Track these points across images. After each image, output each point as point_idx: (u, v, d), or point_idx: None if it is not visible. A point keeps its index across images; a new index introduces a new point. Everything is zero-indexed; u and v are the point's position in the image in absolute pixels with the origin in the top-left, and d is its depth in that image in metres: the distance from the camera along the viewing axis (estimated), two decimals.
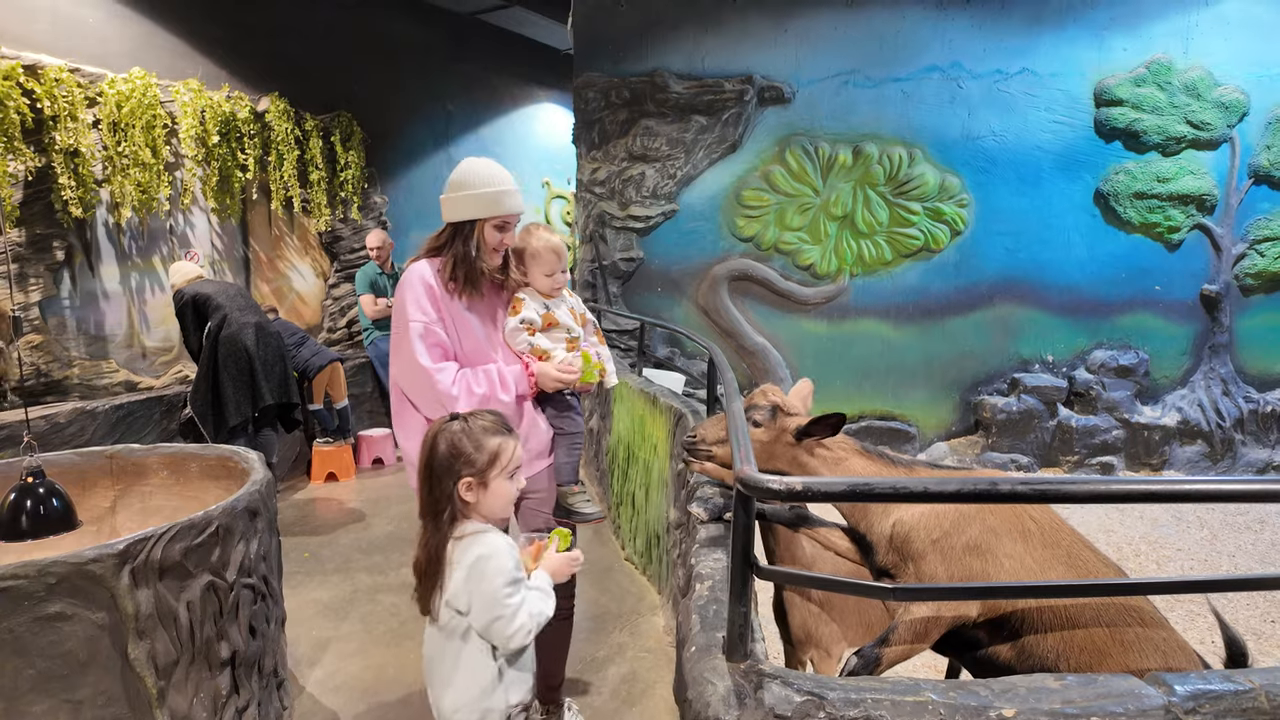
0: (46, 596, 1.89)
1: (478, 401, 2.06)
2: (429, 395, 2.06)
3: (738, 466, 1.17)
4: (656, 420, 3.69)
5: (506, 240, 2.16)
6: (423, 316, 2.08)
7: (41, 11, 4.65)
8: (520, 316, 2.20)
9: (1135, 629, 1.56)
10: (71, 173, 4.60)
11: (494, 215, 2.10)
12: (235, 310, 4.37)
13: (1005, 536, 1.67)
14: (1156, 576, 3.68)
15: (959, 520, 1.69)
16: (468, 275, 2.11)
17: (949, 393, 6.07)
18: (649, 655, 3.14)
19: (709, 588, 1.57)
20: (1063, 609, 1.59)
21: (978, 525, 1.68)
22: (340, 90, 6.62)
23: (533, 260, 2.23)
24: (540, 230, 2.26)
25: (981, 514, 1.70)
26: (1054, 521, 1.74)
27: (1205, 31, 5.74)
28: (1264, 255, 5.95)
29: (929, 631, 1.66)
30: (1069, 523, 1.77)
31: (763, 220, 5.90)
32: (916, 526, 1.72)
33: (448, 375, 2.06)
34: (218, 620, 2.24)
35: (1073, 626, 1.56)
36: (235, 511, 2.33)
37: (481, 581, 1.55)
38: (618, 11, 5.85)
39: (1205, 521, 5.03)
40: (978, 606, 1.64)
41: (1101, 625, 1.57)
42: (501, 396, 2.10)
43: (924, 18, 5.75)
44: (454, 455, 1.59)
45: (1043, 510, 1.74)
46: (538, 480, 2.25)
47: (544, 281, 2.24)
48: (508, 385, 2.12)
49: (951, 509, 1.69)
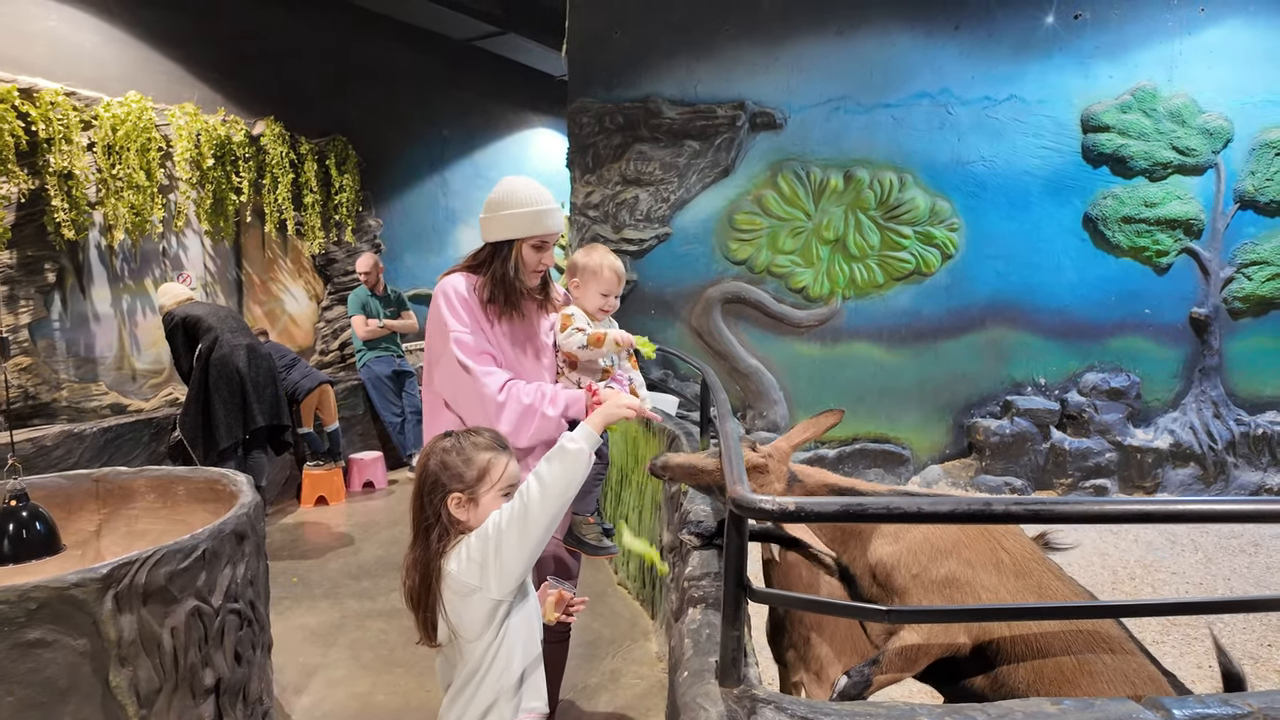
0: (27, 622, 1.86)
1: (522, 412, 1.98)
2: (474, 401, 1.99)
3: (730, 486, 1.16)
4: (650, 443, 3.68)
5: (546, 260, 2.10)
6: (461, 325, 2.02)
7: (39, 36, 4.68)
8: (575, 330, 2.14)
9: (1105, 657, 1.57)
10: (65, 195, 4.60)
11: (532, 235, 2.05)
12: (226, 332, 4.35)
13: (980, 569, 1.67)
14: (1153, 599, 3.67)
15: (936, 555, 1.69)
16: (507, 296, 2.06)
17: (942, 415, 6.07)
18: (641, 682, 3.10)
19: (701, 610, 1.55)
20: (1034, 639, 1.59)
21: (954, 559, 1.68)
22: (336, 114, 6.67)
23: (592, 278, 2.17)
24: (603, 249, 2.22)
25: (958, 547, 1.70)
26: (1026, 551, 1.74)
27: (1188, 60, 5.84)
28: (1251, 279, 6.01)
29: (919, 659, 1.65)
30: (1045, 551, 1.78)
31: (755, 243, 5.93)
32: (898, 565, 1.72)
33: (495, 380, 1.98)
34: (202, 647, 2.19)
35: (1043, 656, 1.57)
36: (222, 535, 2.29)
37: (471, 548, 1.52)
38: (612, 39, 5.93)
39: (1199, 545, 5.01)
40: (968, 636, 1.63)
41: (1070, 654, 1.57)
42: (548, 410, 2.01)
43: (913, 46, 5.84)
44: (444, 471, 1.56)
45: (1016, 540, 1.74)
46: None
47: (596, 300, 2.18)
48: (558, 403, 2.03)
49: (927, 544, 1.69)
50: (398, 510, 5.45)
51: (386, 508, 5.57)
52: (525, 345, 2.17)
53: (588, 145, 5.98)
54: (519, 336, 2.15)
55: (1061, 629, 1.57)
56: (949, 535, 1.71)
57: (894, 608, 1.24)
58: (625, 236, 5.91)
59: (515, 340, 2.14)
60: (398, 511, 5.41)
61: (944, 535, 1.71)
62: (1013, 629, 1.62)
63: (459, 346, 1.99)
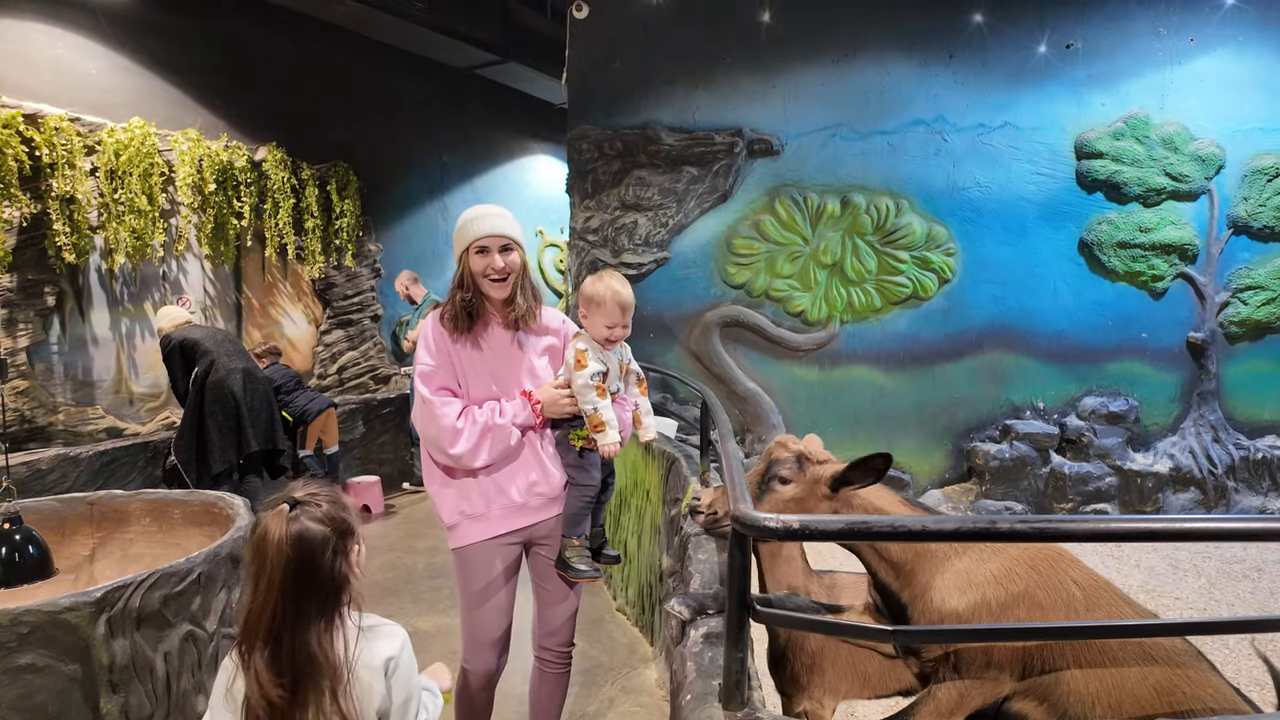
0: (18, 647, 1.83)
1: (479, 433, 2.04)
2: (434, 429, 2.04)
3: (733, 505, 1.15)
4: (649, 466, 3.66)
5: (494, 264, 2.05)
6: (428, 359, 2.09)
7: (44, 62, 4.73)
8: (590, 371, 2.08)
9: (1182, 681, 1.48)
10: (66, 219, 4.62)
11: (470, 241, 2.05)
12: (223, 356, 4.34)
13: (1051, 611, 1.55)
14: (1206, 617, 3.62)
15: (1007, 603, 1.55)
16: (454, 314, 2.09)
17: (941, 440, 6.06)
18: (641, 710, 3.05)
19: (703, 635, 1.53)
20: (1109, 671, 1.48)
21: (1025, 605, 1.55)
22: (337, 140, 6.73)
23: (596, 308, 2.14)
24: (610, 278, 2.15)
25: (1029, 591, 1.57)
26: (1095, 585, 1.62)
27: (1180, 88, 5.93)
28: (1247, 304, 6.03)
29: (953, 715, 1.55)
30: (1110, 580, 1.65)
31: (753, 268, 5.96)
32: (968, 618, 1.55)
33: (452, 409, 2.05)
34: (195, 672, 2.16)
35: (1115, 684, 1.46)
36: (218, 559, 2.27)
37: (410, 673, 1.41)
38: (611, 68, 6.01)
39: (1202, 570, 4.98)
40: (1012, 683, 1.53)
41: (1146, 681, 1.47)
42: (498, 421, 2.07)
43: (908, 74, 5.92)
44: (333, 524, 1.35)
45: (1085, 574, 1.62)
46: (547, 526, 2.21)
47: (602, 331, 2.15)
48: (505, 413, 2.09)
49: (1000, 590, 1.54)
50: (394, 535, 5.40)
51: (382, 532, 5.51)
52: (505, 365, 2.15)
53: (587, 171, 6.04)
54: (495, 356, 2.14)
55: (1132, 655, 1.47)
56: (1019, 580, 1.57)
57: (898, 628, 1.22)
58: (624, 261, 5.94)
59: (490, 360, 2.13)
60: (394, 536, 5.36)
61: (1014, 580, 1.57)
62: (1073, 659, 1.49)
63: (420, 379, 2.08)
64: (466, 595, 2.17)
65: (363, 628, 1.39)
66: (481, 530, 2.13)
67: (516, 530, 2.16)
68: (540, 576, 2.27)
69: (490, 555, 2.14)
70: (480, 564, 2.14)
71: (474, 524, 2.12)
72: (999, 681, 1.51)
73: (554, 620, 2.28)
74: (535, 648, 2.32)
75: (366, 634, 1.39)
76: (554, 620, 2.28)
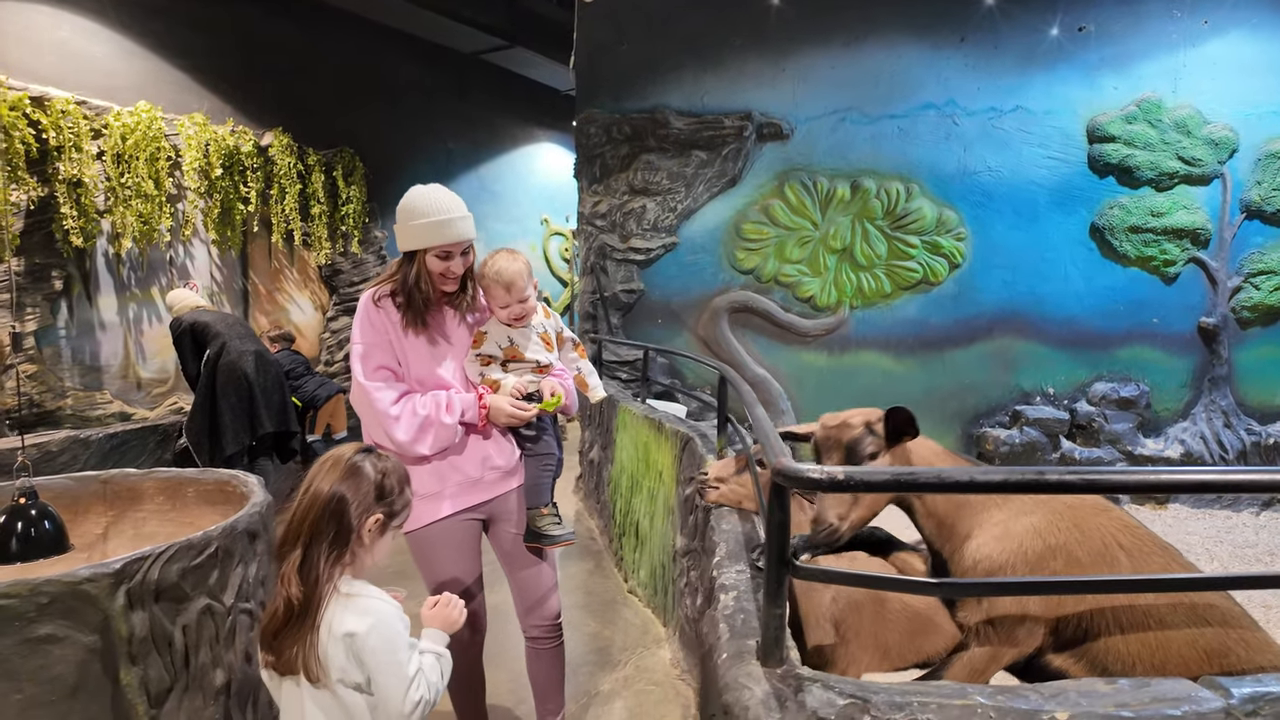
0: (37, 617, 1.81)
1: (420, 424, 2.01)
2: (370, 415, 2.03)
3: (773, 459, 1.13)
4: (662, 446, 3.64)
5: (454, 267, 2.07)
6: (365, 340, 2.06)
7: (50, 45, 4.71)
8: (478, 350, 2.16)
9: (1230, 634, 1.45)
10: (74, 203, 4.60)
11: (434, 245, 2.04)
12: (235, 338, 4.33)
13: (1091, 568, 1.52)
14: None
15: (1044, 555, 1.53)
16: (409, 303, 2.07)
17: (951, 425, 6.03)
18: (656, 689, 3.03)
19: (734, 598, 1.51)
20: (1152, 633, 1.45)
21: (1061, 558, 1.53)
22: (343, 127, 6.70)
23: (486, 293, 2.16)
24: (496, 259, 2.14)
25: (1067, 545, 1.54)
26: (1144, 545, 1.57)
27: (1193, 71, 5.87)
28: (1259, 289, 5.99)
29: (987, 669, 1.54)
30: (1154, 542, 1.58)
31: (762, 253, 5.93)
32: (1004, 567, 1.54)
33: (388, 395, 2.02)
34: (213, 646, 2.14)
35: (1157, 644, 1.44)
36: (235, 533, 2.25)
37: (377, 655, 1.40)
38: (620, 52, 5.97)
39: (1214, 555, 4.96)
40: (1039, 639, 1.51)
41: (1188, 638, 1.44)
42: (444, 419, 2.04)
43: (919, 57, 5.88)
44: (377, 486, 1.44)
45: (1132, 535, 1.58)
46: (506, 501, 2.19)
47: (500, 313, 2.16)
48: (454, 409, 2.06)
49: (1038, 540, 1.53)
50: None
51: None
52: (446, 353, 2.15)
53: (595, 155, 6.00)
54: (437, 345, 2.14)
55: (1182, 618, 1.43)
56: (1059, 533, 1.55)
57: (943, 580, 1.20)
58: (633, 246, 5.91)
59: (433, 349, 2.13)
60: None
61: (1054, 533, 1.55)
62: (1113, 619, 1.47)
63: (358, 360, 2.05)
64: (431, 580, 2.15)
65: (343, 592, 1.42)
66: (435, 510, 2.10)
67: (475, 506, 2.15)
68: (509, 556, 2.24)
69: (448, 534, 2.12)
70: (439, 544, 2.12)
71: (427, 504, 2.09)
72: (1033, 636, 1.50)
73: (534, 595, 2.24)
74: (524, 628, 2.28)
75: (342, 600, 1.42)
76: (534, 595, 2.24)
